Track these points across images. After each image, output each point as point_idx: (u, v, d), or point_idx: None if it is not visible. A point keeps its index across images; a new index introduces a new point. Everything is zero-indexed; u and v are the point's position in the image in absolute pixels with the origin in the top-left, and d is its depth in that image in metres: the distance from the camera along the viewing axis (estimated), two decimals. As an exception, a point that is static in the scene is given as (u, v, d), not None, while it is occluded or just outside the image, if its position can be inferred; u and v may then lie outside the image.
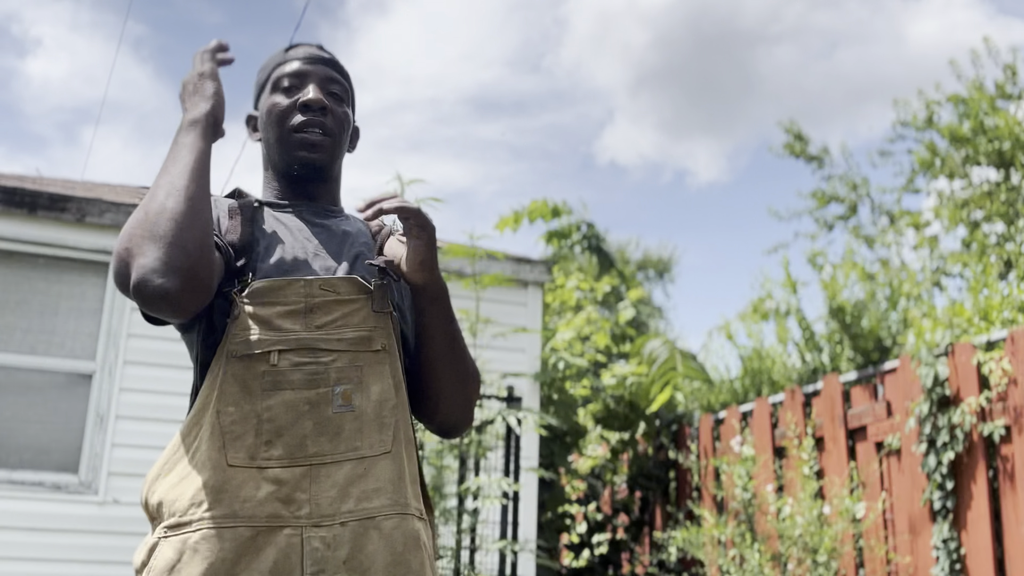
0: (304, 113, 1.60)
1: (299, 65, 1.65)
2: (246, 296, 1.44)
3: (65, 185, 6.39)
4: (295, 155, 1.61)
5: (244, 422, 1.38)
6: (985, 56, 10.66)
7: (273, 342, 1.41)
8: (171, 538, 1.34)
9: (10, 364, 5.41)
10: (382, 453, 1.42)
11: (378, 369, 1.46)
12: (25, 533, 5.15)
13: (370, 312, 1.48)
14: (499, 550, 5.34)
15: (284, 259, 1.50)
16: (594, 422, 7.54)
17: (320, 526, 1.35)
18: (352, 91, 1.73)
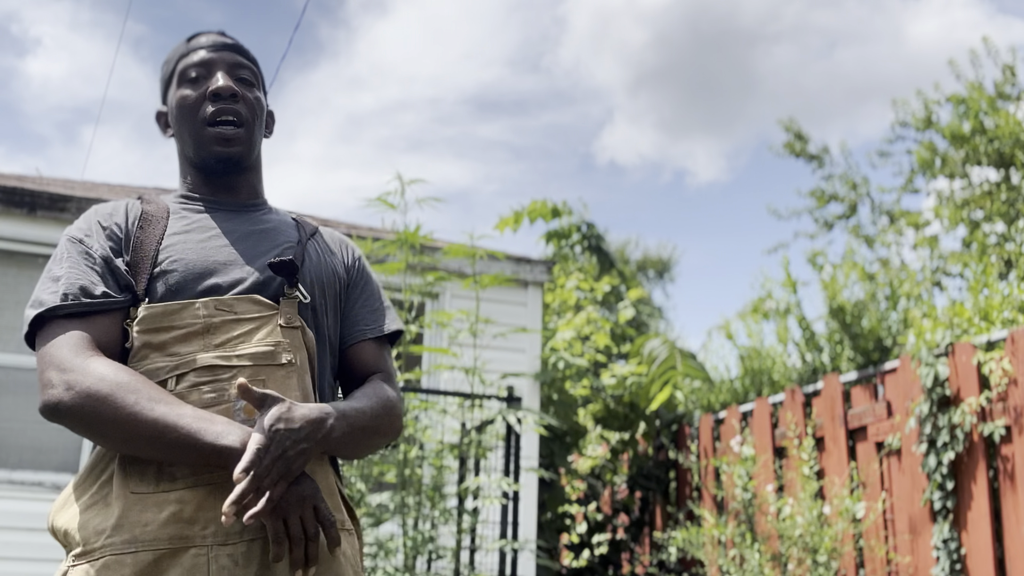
0: (215, 102, 1.57)
1: (204, 54, 1.61)
2: (137, 325, 1.41)
3: (65, 185, 6.39)
4: (211, 150, 1.57)
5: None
6: (984, 56, 10.66)
7: (170, 368, 1.39)
8: (79, 566, 1.32)
9: (10, 364, 5.41)
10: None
11: (285, 383, 1.42)
12: (25, 533, 5.15)
13: (276, 327, 1.45)
14: (499, 550, 5.34)
15: (187, 273, 1.46)
16: (594, 422, 7.54)
17: (227, 544, 1.32)
18: (261, 75, 1.68)
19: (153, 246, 1.48)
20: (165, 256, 1.47)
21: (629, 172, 37.34)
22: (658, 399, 6.82)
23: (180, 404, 1.33)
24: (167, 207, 1.57)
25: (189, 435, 1.29)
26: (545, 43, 33.02)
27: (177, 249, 1.49)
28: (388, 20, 32.31)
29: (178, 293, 1.44)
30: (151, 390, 1.33)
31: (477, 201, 35.60)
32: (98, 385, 1.32)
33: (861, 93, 28.80)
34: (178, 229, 1.52)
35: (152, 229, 1.50)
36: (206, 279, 1.46)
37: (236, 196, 1.63)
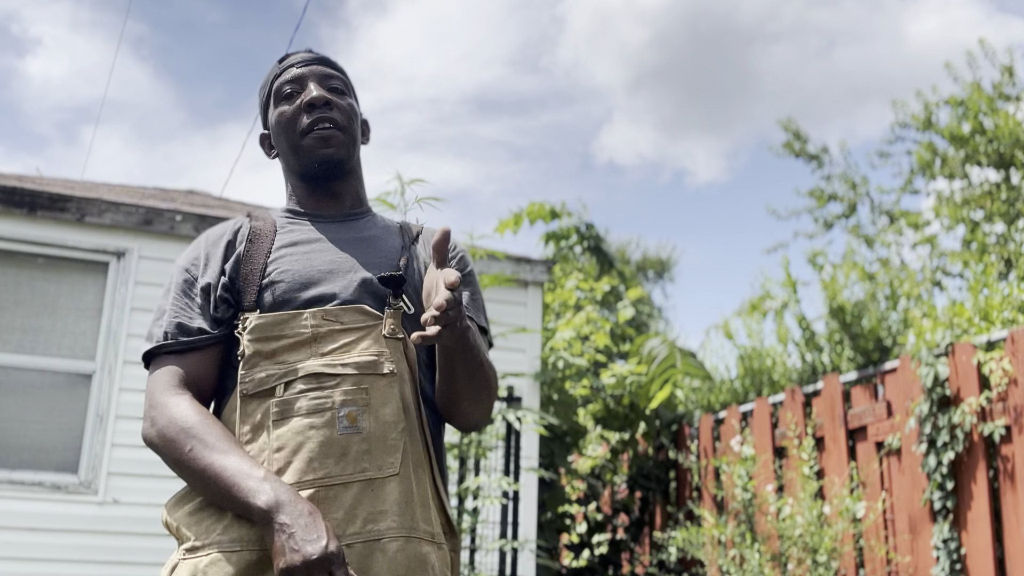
0: (310, 113, 1.63)
1: (295, 71, 1.68)
2: (248, 334, 1.49)
3: (65, 185, 6.39)
4: (312, 155, 1.63)
5: (258, 457, 1.43)
6: (981, 58, 10.67)
7: (279, 376, 1.46)
8: (187, 560, 1.40)
9: (10, 364, 5.41)
10: (390, 475, 1.43)
11: (387, 392, 1.47)
12: (25, 533, 5.15)
13: (379, 337, 1.50)
14: (499, 550, 5.34)
15: (293, 284, 1.53)
16: (594, 422, 7.54)
17: None
18: (351, 83, 1.74)
19: (261, 259, 1.56)
20: (273, 268, 1.55)
21: (628, 172, 37.36)
22: (658, 397, 6.82)
23: (229, 453, 1.39)
24: (274, 222, 1.64)
25: (227, 488, 1.36)
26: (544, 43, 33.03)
27: (284, 262, 1.56)
28: (388, 20, 32.33)
29: (284, 304, 1.51)
30: (210, 436, 1.41)
31: (477, 201, 35.61)
32: (168, 427, 1.43)
33: (860, 93, 28.82)
34: (285, 242, 1.59)
35: (260, 244, 1.58)
36: (310, 289, 1.52)
37: (340, 205, 1.69)
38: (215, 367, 1.54)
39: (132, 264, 5.66)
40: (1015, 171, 10.13)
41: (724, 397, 7.69)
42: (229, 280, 1.55)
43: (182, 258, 1.63)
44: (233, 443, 1.41)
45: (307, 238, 1.61)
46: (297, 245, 1.59)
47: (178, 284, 1.59)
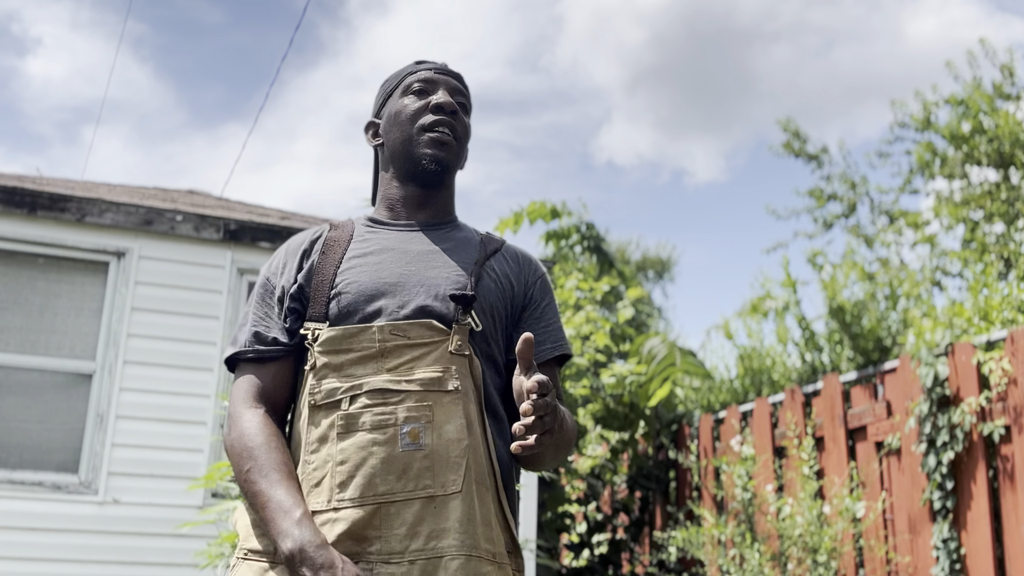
0: (436, 113, 1.66)
1: (431, 74, 1.72)
2: (319, 346, 1.52)
3: (65, 185, 6.39)
4: (424, 152, 1.65)
5: (323, 467, 1.45)
6: (982, 57, 10.67)
7: (346, 389, 1.48)
8: (252, 562, 1.43)
9: (10, 364, 5.41)
10: (453, 493, 1.43)
11: (451, 409, 1.47)
12: (25, 533, 5.15)
13: (444, 353, 1.50)
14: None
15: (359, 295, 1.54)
16: (594, 422, 7.54)
17: (390, 563, 1.39)
18: (471, 108, 1.78)
19: (332, 270, 1.58)
20: (342, 279, 1.57)
21: (627, 172, 37.38)
22: (657, 395, 6.82)
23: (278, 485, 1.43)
24: (352, 231, 1.66)
25: (267, 519, 1.42)
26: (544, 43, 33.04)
27: (353, 272, 1.57)
28: (389, 20, 32.33)
29: (349, 315, 1.53)
30: (268, 461, 1.46)
31: (478, 201, 35.62)
32: (236, 442, 1.50)
33: (859, 92, 28.83)
34: (357, 252, 1.61)
35: (332, 254, 1.61)
36: (375, 301, 1.53)
37: (426, 213, 1.69)
38: (290, 376, 1.58)
39: (132, 264, 5.67)
40: (1015, 171, 10.13)
41: (724, 397, 7.69)
42: (299, 290, 1.58)
43: (266, 265, 1.68)
44: (285, 473, 1.45)
45: (379, 248, 1.61)
46: (368, 256, 1.60)
47: (259, 292, 1.64)
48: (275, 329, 1.58)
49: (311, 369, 1.51)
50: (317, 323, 1.54)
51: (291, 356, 1.58)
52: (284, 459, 1.47)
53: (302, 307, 1.57)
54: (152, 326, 5.60)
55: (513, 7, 33.07)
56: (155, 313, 5.63)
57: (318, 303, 1.55)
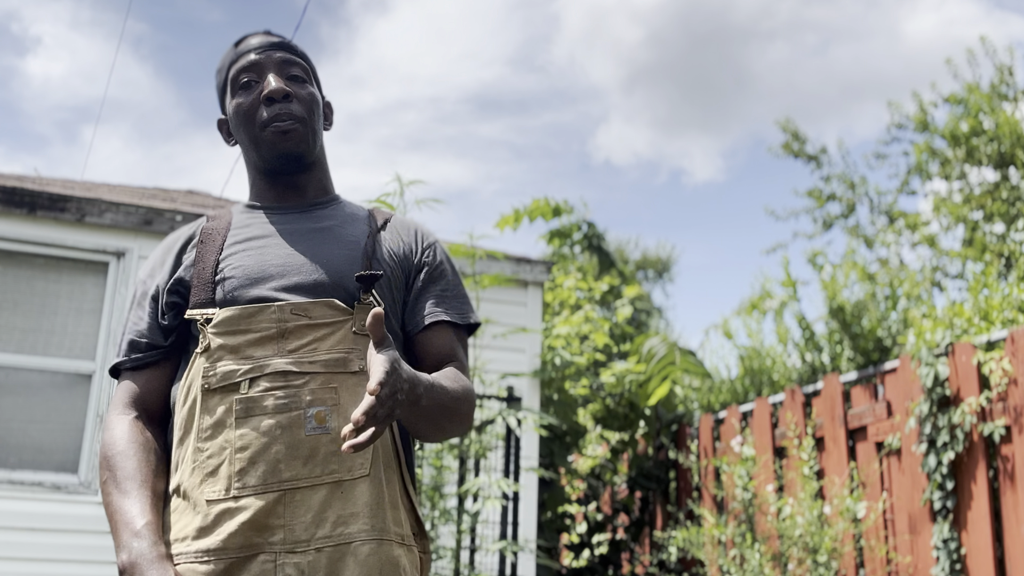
0: (269, 106, 1.57)
1: (253, 57, 1.61)
2: (213, 328, 1.44)
3: (65, 185, 6.39)
4: (272, 150, 1.58)
5: (219, 454, 1.39)
6: (982, 56, 10.67)
7: (244, 371, 1.41)
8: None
9: (10, 364, 5.41)
10: (360, 476, 1.39)
11: (356, 391, 1.42)
12: (25, 533, 5.15)
13: (348, 333, 1.45)
14: (499, 550, 5.34)
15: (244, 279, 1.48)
16: (594, 422, 7.54)
17: (295, 552, 1.34)
18: (312, 68, 1.68)
19: (213, 259, 1.52)
20: (225, 265, 1.51)
21: (625, 171, 37.37)
22: (657, 394, 6.82)
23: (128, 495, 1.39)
24: (230, 220, 1.60)
25: (112, 529, 1.39)
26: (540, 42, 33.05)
27: (236, 258, 1.52)
28: (389, 19, 32.33)
29: (235, 300, 1.47)
30: (121, 471, 1.42)
31: (478, 201, 35.63)
32: (103, 449, 1.47)
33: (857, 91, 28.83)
34: (239, 238, 1.55)
35: (212, 243, 1.55)
36: (263, 284, 1.48)
37: (303, 196, 1.64)
38: (167, 378, 1.53)
39: (132, 264, 5.66)
40: (1015, 170, 10.13)
41: (724, 397, 7.69)
42: (177, 283, 1.52)
43: (142, 268, 1.62)
44: (138, 482, 1.41)
45: (262, 232, 1.56)
46: (251, 240, 1.54)
47: (135, 296, 1.59)
48: (149, 333, 1.53)
49: (204, 352, 1.43)
50: (204, 308, 1.47)
51: (168, 359, 1.53)
52: (140, 467, 1.43)
53: (182, 299, 1.51)
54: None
55: (513, 6, 33.07)
56: (155, 313, 5.63)
57: (202, 291, 1.48)
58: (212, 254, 1.52)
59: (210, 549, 1.34)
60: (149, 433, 1.49)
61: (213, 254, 1.52)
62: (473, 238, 5.07)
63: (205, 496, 1.37)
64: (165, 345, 1.52)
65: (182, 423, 1.45)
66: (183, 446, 1.44)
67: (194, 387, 1.44)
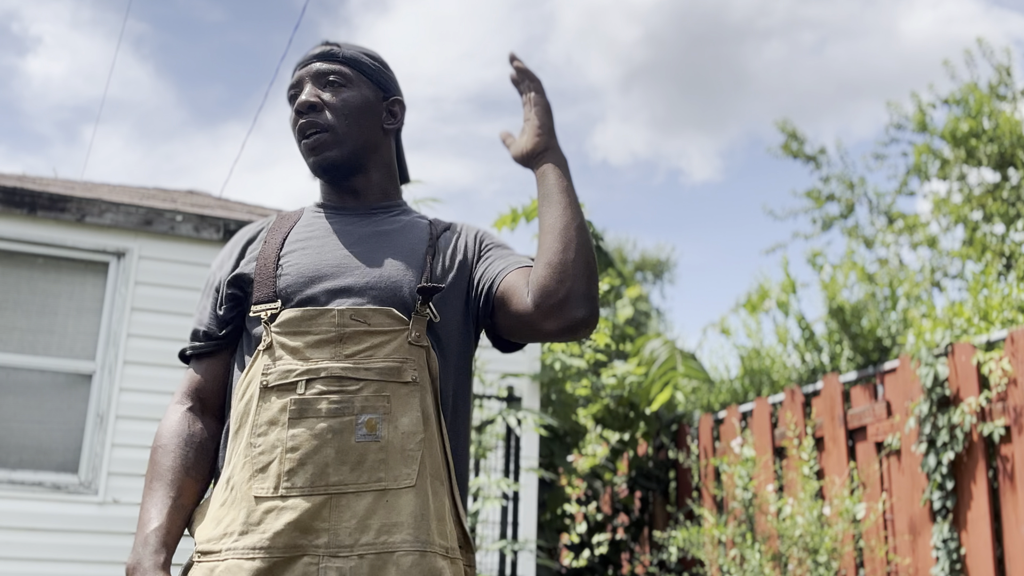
0: (298, 119, 1.63)
1: (298, 73, 1.68)
2: (276, 327, 1.47)
3: (65, 185, 6.39)
4: (308, 162, 1.65)
5: (271, 452, 1.41)
6: (979, 57, 10.68)
7: (301, 372, 1.44)
8: (202, 563, 1.40)
9: (10, 364, 5.40)
10: (406, 487, 1.40)
11: (407, 401, 1.44)
12: (25, 533, 5.15)
13: (404, 343, 1.46)
14: (499, 550, 5.34)
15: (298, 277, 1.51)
16: (594, 422, 7.54)
17: (337, 556, 1.35)
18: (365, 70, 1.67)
19: (274, 255, 1.55)
20: (284, 262, 1.54)
21: (623, 172, 37.38)
22: (658, 400, 6.82)
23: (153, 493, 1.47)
24: (298, 217, 1.65)
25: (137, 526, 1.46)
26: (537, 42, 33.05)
27: (294, 256, 1.55)
28: (389, 19, 32.33)
29: (289, 298, 1.50)
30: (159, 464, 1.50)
31: (478, 200, 35.65)
32: (154, 440, 1.54)
33: (854, 89, 28.85)
34: (300, 236, 1.59)
35: (274, 240, 1.59)
36: (316, 283, 1.50)
37: (361, 199, 1.66)
38: (223, 369, 1.58)
39: (132, 264, 5.66)
40: (1015, 171, 10.13)
41: (724, 397, 7.69)
42: (238, 277, 1.55)
43: (216, 258, 1.68)
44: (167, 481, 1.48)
45: (322, 232, 1.59)
46: (311, 239, 1.58)
47: (205, 287, 1.65)
48: (208, 322, 1.58)
49: (266, 349, 1.46)
50: (267, 304, 1.50)
51: (224, 349, 1.58)
52: (175, 464, 1.49)
53: (242, 292, 1.55)
54: (152, 326, 5.60)
55: (514, 6, 33.09)
56: (155, 313, 5.63)
57: (263, 286, 1.51)
58: (274, 251, 1.56)
59: (256, 546, 1.36)
60: (200, 424, 1.54)
61: (274, 250, 1.56)
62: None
63: (254, 492, 1.39)
64: (220, 336, 1.57)
65: (238, 417, 1.47)
66: (238, 439, 1.46)
67: (254, 383, 1.46)
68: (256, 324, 1.51)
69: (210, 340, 1.57)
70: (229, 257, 1.62)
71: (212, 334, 1.57)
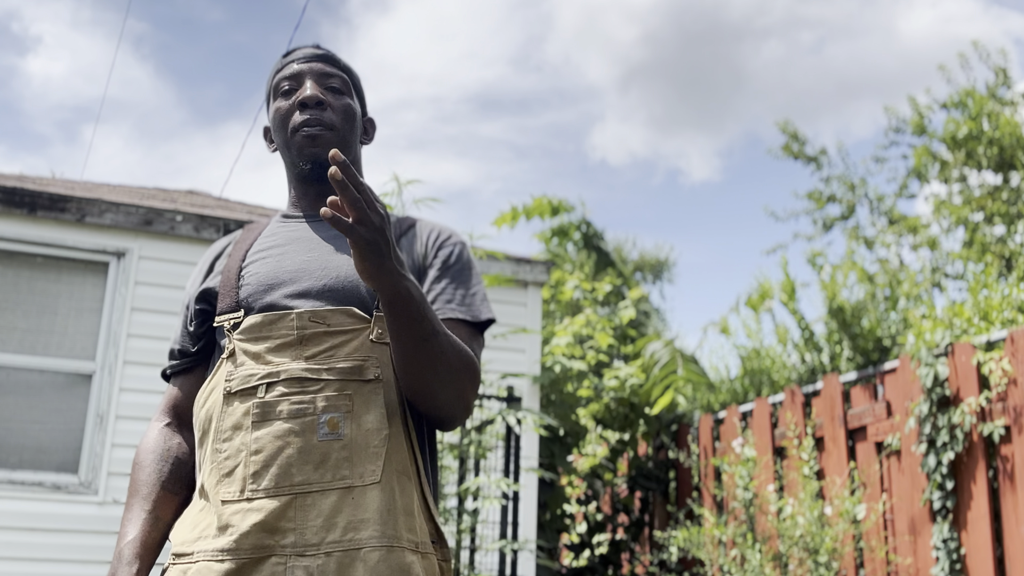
0: (302, 111, 1.62)
1: (295, 67, 1.68)
2: (239, 334, 1.50)
3: (65, 185, 6.39)
4: (300, 154, 1.63)
5: (236, 456, 1.42)
6: (976, 60, 10.69)
7: (263, 375, 1.45)
8: (176, 565, 1.42)
9: (10, 364, 5.41)
10: (371, 483, 1.40)
11: (370, 399, 1.44)
12: (25, 533, 5.15)
13: (365, 341, 1.47)
14: (499, 550, 5.34)
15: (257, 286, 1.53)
16: (594, 422, 7.54)
17: (304, 555, 1.36)
18: (356, 83, 1.72)
19: (236, 267, 1.57)
20: (245, 272, 1.57)
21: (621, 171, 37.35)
22: (660, 403, 6.82)
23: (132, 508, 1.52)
24: (262, 229, 1.67)
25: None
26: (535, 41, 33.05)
27: (255, 266, 1.57)
28: (390, 18, 32.34)
29: (250, 307, 1.52)
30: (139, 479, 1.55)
31: (478, 200, 35.64)
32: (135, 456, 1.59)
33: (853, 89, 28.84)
34: (263, 246, 1.61)
35: (238, 253, 1.61)
36: (275, 290, 1.52)
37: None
38: (199, 385, 1.61)
39: (132, 264, 5.67)
40: (1015, 172, 10.13)
41: (724, 397, 7.70)
42: (205, 292, 1.58)
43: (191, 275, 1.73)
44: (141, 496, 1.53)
45: (285, 240, 1.60)
46: (273, 248, 1.59)
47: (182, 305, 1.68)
48: (182, 341, 1.62)
49: (228, 357, 1.49)
50: (229, 313, 1.52)
51: (200, 365, 1.62)
52: (150, 479, 1.54)
53: (210, 307, 1.57)
54: (152, 326, 5.60)
55: (514, 6, 33.10)
56: (155, 313, 5.63)
57: (226, 297, 1.54)
58: (236, 263, 1.58)
59: (225, 549, 1.37)
60: (178, 438, 1.60)
61: (237, 263, 1.58)
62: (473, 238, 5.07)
63: (221, 496, 1.41)
64: (193, 352, 1.61)
65: (201, 424, 1.50)
66: (203, 447, 1.49)
67: (216, 390, 1.48)
68: (223, 335, 1.53)
69: (184, 357, 1.62)
70: (199, 274, 1.66)
71: (186, 351, 1.61)
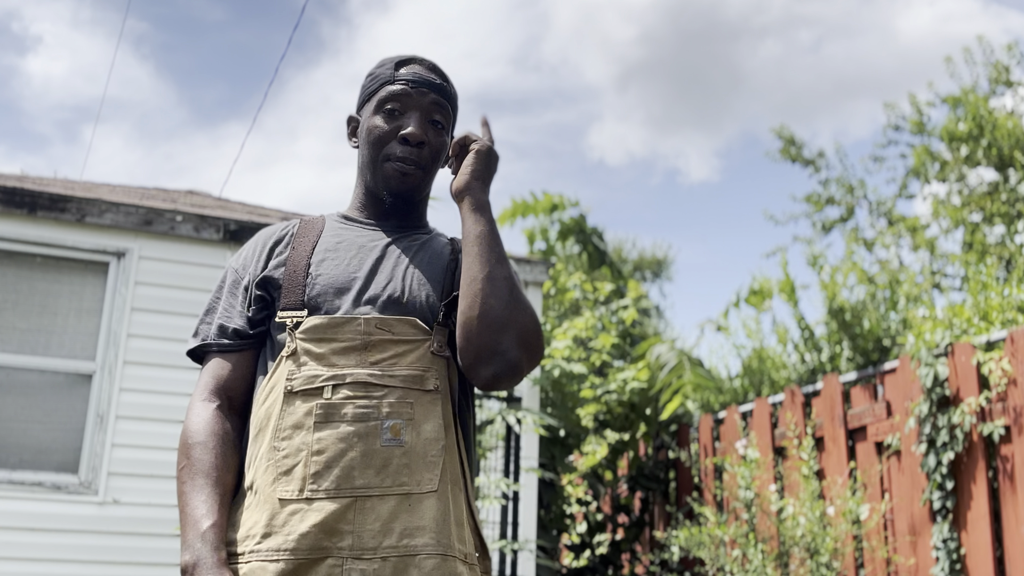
0: (403, 145, 1.61)
1: (407, 88, 1.64)
2: (302, 333, 1.50)
3: (65, 185, 6.39)
4: (386, 183, 1.63)
5: (295, 455, 1.43)
6: (979, 55, 10.68)
7: (327, 377, 1.46)
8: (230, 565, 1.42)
9: (10, 364, 5.41)
10: (429, 491, 1.43)
11: (430, 408, 1.47)
12: (25, 533, 5.15)
13: (426, 352, 1.50)
14: (499, 550, 5.34)
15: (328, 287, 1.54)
16: (594, 423, 7.53)
17: (361, 559, 1.38)
18: (455, 109, 1.72)
19: (304, 262, 1.57)
20: (313, 271, 1.56)
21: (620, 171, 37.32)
22: (668, 408, 6.79)
23: (201, 490, 1.44)
24: (323, 226, 1.66)
25: (181, 523, 1.44)
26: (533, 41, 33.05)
27: (324, 266, 1.57)
28: (390, 18, 32.34)
29: (318, 307, 1.52)
30: (200, 463, 1.47)
31: (478, 200, 35.55)
32: (183, 435, 1.51)
33: (851, 88, 28.82)
34: (328, 246, 1.61)
35: (303, 246, 1.60)
36: (346, 294, 1.53)
37: (394, 221, 1.69)
38: (251, 368, 1.58)
39: (132, 264, 5.66)
40: (1015, 172, 10.13)
41: (724, 397, 7.69)
42: (266, 280, 1.57)
43: (236, 255, 1.68)
44: (212, 478, 1.45)
45: (350, 244, 1.61)
46: (339, 250, 1.60)
47: (227, 282, 1.63)
48: (238, 320, 1.58)
49: (290, 355, 1.49)
50: (294, 311, 1.52)
51: (253, 348, 1.58)
52: (217, 462, 1.47)
53: (269, 296, 1.56)
54: (152, 326, 5.60)
55: (515, 6, 33.10)
56: (155, 313, 5.63)
57: (292, 293, 1.53)
58: (303, 259, 1.58)
59: (281, 548, 1.38)
60: (229, 424, 1.54)
61: (304, 259, 1.58)
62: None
63: (278, 494, 1.41)
64: (252, 335, 1.57)
65: (259, 422, 1.49)
66: (257, 444, 1.48)
67: (277, 388, 1.48)
68: (280, 330, 1.53)
69: (240, 339, 1.57)
70: (255, 258, 1.62)
71: (243, 333, 1.57)
